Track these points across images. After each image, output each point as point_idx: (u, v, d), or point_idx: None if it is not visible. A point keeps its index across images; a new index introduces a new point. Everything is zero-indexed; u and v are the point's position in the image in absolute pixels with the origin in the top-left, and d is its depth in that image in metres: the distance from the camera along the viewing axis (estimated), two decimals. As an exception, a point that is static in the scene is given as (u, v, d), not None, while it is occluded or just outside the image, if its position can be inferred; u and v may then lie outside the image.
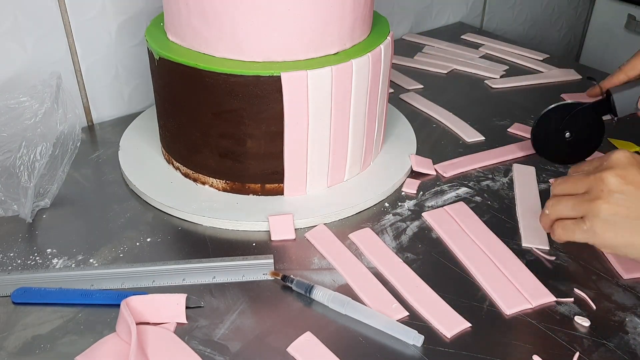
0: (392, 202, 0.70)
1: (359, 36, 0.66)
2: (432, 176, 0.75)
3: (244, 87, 0.61)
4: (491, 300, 0.56)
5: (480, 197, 0.71)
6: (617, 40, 1.36)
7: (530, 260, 0.61)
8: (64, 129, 0.66)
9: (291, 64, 0.62)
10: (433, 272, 0.59)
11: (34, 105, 0.65)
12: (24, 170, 0.62)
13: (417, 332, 0.51)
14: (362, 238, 0.64)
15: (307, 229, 0.65)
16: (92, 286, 0.57)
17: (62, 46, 0.79)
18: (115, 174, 0.74)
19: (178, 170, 0.72)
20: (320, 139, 0.66)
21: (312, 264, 0.60)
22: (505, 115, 0.88)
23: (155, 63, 0.67)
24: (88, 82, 0.83)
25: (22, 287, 0.56)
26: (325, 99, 0.63)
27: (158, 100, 0.71)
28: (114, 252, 0.61)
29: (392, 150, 0.78)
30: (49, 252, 0.61)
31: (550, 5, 1.45)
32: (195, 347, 0.51)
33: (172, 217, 0.66)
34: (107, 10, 0.80)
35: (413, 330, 0.52)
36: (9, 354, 0.50)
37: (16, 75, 0.77)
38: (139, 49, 0.85)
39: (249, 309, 0.55)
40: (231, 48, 0.62)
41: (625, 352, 0.51)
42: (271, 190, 0.68)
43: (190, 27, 0.63)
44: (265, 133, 0.64)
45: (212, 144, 0.66)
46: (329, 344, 0.51)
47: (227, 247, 0.62)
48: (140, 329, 0.51)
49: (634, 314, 0.55)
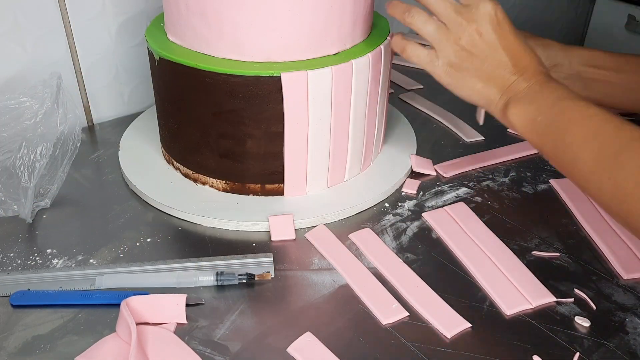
0: (392, 203, 0.70)
1: (359, 36, 0.66)
2: (432, 176, 0.75)
3: (244, 87, 0.61)
4: (491, 300, 0.56)
5: (480, 197, 0.71)
6: (617, 40, 1.36)
7: (530, 260, 0.61)
8: (64, 129, 0.66)
9: (291, 64, 0.62)
10: (433, 273, 0.59)
11: (34, 105, 0.65)
12: (24, 170, 0.62)
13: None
14: (362, 238, 0.64)
15: (307, 229, 0.65)
16: (92, 286, 0.57)
17: (62, 46, 0.79)
18: (115, 174, 0.74)
19: (178, 170, 0.72)
20: (320, 139, 0.66)
21: (312, 264, 0.60)
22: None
23: (156, 63, 0.67)
24: (88, 82, 0.83)
25: (21, 290, 0.56)
26: (325, 99, 0.63)
27: (158, 101, 0.71)
28: (114, 252, 0.61)
29: (392, 150, 0.78)
30: (49, 252, 0.61)
31: (550, 5, 1.45)
32: (195, 347, 0.51)
33: (172, 217, 0.66)
34: (107, 10, 0.80)
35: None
36: (9, 354, 0.50)
37: (16, 76, 0.77)
38: (139, 49, 0.85)
39: (249, 309, 0.55)
40: (231, 48, 0.62)
41: (625, 353, 0.51)
42: (271, 190, 0.68)
43: (190, 27, 0.63)
44: (265, 133, 0.64)
45: (212, 144, 0.66)
46: (329, 344, 0.51)
47: (227, 248, 0.62)
48: (140, 329, 0.51)
49: (634, 314, 0.55)
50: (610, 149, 0.49)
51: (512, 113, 0.56)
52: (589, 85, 0.69)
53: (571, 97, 0.54)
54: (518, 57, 0.56)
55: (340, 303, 0.56)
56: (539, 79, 0.56)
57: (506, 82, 0.56)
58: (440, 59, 0.55)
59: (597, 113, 0.52)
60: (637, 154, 0.47)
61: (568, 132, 0.52)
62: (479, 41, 0.54)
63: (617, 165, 0.48)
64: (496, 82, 0.56)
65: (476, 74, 0.55)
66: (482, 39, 0.54)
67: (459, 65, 0.55)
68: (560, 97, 0.54)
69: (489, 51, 0.54)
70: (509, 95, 0.56)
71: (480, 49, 0.54)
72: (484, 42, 0.54)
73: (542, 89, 0.55)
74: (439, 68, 0.56)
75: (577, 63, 0.69)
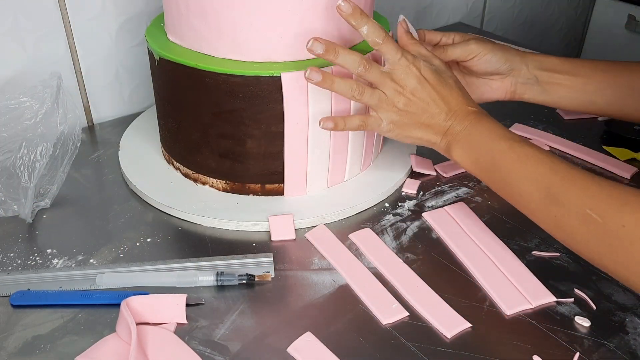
0: (392, 203, 0.70)
1: (359, 36, 0.66)
2: (433, 176, 0.75)
3: (244, 87, 0.61)
4: (491, 300, 0.56)
5: (480, 197, 0.71)
6: (617, 40, 1.36)
7: (530, 260, 0.61)
8: (64, 129, 0.66)
9: (291, 64, 0.62)
10: (433, 273, 0.59)
11: (34, 105, 0.65)
12: (24, 170, 0.62)
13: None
14: (362, 238, 0.64)
15: (307, 229, 0.65)
16: (92, 286, 0.57)
17: (62, 46, 0.79)
18: (115, 174, 0.74)
19: (178, 170, 0.72)
20: (320, 139, 0.66)
21: (312, 264, 0.60)
22: (505, 116, 0.88)
23: (156, 63, 0.67)
24: (88, 82, 0.83)
25: (21, 290, 0.56)
26: (325, 99, 0.63)
27: (158, 101, 0.71)
28: (114, 252, 0.61)
29: (392, 150, 0.78)
30: (49, 252, 0.61)
31: (550, 5, 1.45)
32: (195, 347, 0.51)
33: (172, 217, 0.66)
34: (107, 10, 0.80)
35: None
36: (9, 354, 0.50)
37: (16, 76, 0.77)
38: (139, 49, 0.85)
39: (249, 309, 0.55)
40: (231, 48, 0.62)
41: (625, 353, 0.51)
42: (271, 190, 0.68)
43: (190, 27, 0.63)
44: (265, 133, 0.64)
45: (212, 144, 0.66)
46: (328, 344, 0.51)
47: (227, 248, 0.62)
48: (140, 329, 0.51)
49: (634, 314, 0.55)
50: (549, 191, 0.54)
51: (455, 154, 0.62)
52: (546, 89, 0.72)
53: (505, 137, 0.59)
54: (449, 104, 0.61)
55: (340, 303, 0.56)
56: (471, 119, 0.61)
57: (443, 128, 0.62)
58: (384, 121, 0.62)
59: (532, 155, 0.56)
60: (574, 194, 0.52)
61: (509, 172, 0.57)
62: (414, 100, 0.61)
63: (558, 206, 0.53)
64: (434, 130, 0.62)
65: (415, 125, 0.62)
66: (415, 97, 0.61)
67: (399, 122, 0.62)
68: (494, 138, 0.59)
69: (423, 106, 0.61)
70: (448, 138, 0.62)
71: (415, 106, 0.61)
72: (418, 99, 0.61)
73: (475, 130, 0.60)
74: (384, 128, 0.63)
75: (534, 67, 0.72)
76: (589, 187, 0.52)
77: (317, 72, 0.59)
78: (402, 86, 0.60)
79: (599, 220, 0.49)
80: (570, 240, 0.53)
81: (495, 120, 0.61)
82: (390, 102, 0.61)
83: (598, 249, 0.50)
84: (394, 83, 0.60)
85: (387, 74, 0.60)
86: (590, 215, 0.50)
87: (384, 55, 0.60)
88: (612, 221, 0.49)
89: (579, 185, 0.52)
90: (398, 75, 0.60)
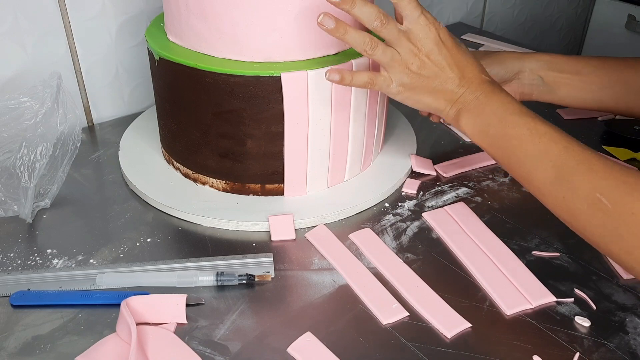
0: (392, 203, 0.70)
1: (359, 36, 0.66)
2: (432, 176, 0.75)
3: (244, 87, 0.61)
4: (491, 300, 0.56)
5: (480, 197, 0.71)
6: (617, 40, 1.36)
7: (530, 260, 0.61)
8: (64, 129, 0.66)
9: (291, 64, 0.62)
10: (433, 272, 0.59)
11: (34, 105, 0.65)
12: (24, 170, 0.62)
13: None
14: (362, 238, 0.64)
15: (307, 229, 0.65)
16: (92, 286, 0.57)
17: (62, 46, 0.79)
18: (115, 174, 0.74)
19: (178, 170, 0.72)
20: (321, 139, 0.66)
21: (312, 264, 0.60)
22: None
23: (156, 63, 0.67)
24: (88, 82, 0.83)
25: (21, 290, 0.56)
26: (325, 99, 0.63)
27: (158, 101, 0.71)
28: (114, 252, 0.61)
29: (392, 150, 0.78)
30: (49, 252, 0.61)
31: (550, 5, 1.45)
32: (195, 348, 0.51)
33: (172, 217, 0.66)
34: (107, 10, 0.80)
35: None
36: (9, 355, 0.50)
37: (16, 76, 0.77)
38: (139, 49, 0.85)
39: (249, 309, 0.55)
40: (231, 48, 0.62)
41: (625, 352, 0.51)
42: (271, 190, 0.68)
43: (190, 27, 0.63)
44: (265, 133, 0.64)
45: (212, 144, 0.66)
46: (328, 344, 0.51)
47: (227, 248, 0.62)
48: (140, 329, 0.51)
49: (634, 314, 0.55)
50: (560, 171, 0.52)
51: (464, 123, 0.59)
52: (552, 88, 0.72)
53: (518, 112, 0.57)
54: (463, 71, 0.59)
55: (340, 303, 0.56)
56: (484, 89, 0.59)
57: (455, 96, 0.59)
58: (394, 82, 0.59)
59: (546, 132, 0.54)
60: (586, 177, 0.50)
61: (519, 148, 0.55)
62: (428, 63, 0.58)
63: (569, 188, 0.51)
64: (445, 96, 0.60)
65: (426, 90, 0.60)
66: (430, 60, 0.58)
67: (409, 84, 0.59)
68: (508, 110, 0.57)
69: (437, 70, 0.59)
70: (458, 106, 0.60)
71: (429, 70, 0.58)
72: (432, 63, 0.58)
73: (488, 101, 0.58)
74: (392, 89, 0.60)
75: (538, 68, 0.71)
76: (603, 171, 0.50)
77: (330, 18, 0.56)
78: (419, 47, 0.58)
79: (608, 206, 0.48)
80: (576, 223, 0.52)
81: (509, 93, 0.59)
82: (403, 62, 0.58)
83: (604, 234, 0.49)
84: (410, 43, 0.58)
85: (404, 33, 0.57)
86: (600, 200, 0.49)
87: (402, 11, 0.57)
88: (622, 208, 0.48)
89: (593, 168, 0.51)
90: (416, 35, 0.57)
